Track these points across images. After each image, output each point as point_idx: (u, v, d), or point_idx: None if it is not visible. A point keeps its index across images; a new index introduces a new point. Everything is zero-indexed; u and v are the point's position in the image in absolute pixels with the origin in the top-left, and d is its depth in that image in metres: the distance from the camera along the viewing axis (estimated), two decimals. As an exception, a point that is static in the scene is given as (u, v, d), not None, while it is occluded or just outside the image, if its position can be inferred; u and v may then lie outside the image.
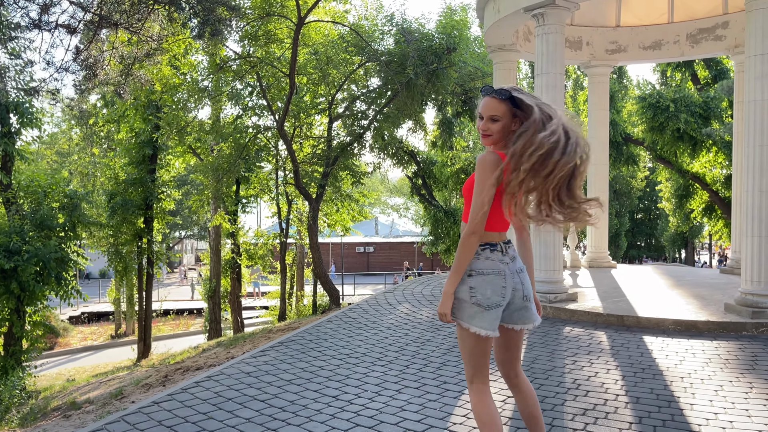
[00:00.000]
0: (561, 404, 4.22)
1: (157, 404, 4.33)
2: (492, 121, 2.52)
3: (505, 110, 2.50)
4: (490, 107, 2.52)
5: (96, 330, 28.26)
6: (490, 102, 2.53)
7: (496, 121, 2.51)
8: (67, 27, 6.10)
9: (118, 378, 10.54)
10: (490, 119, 2.52)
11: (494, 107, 2.51)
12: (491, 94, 2.53)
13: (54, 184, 12.09)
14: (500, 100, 2.51)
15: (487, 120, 2.53)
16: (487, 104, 2.53)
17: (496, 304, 2.56)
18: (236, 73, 11.51)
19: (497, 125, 2.52)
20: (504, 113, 2.50)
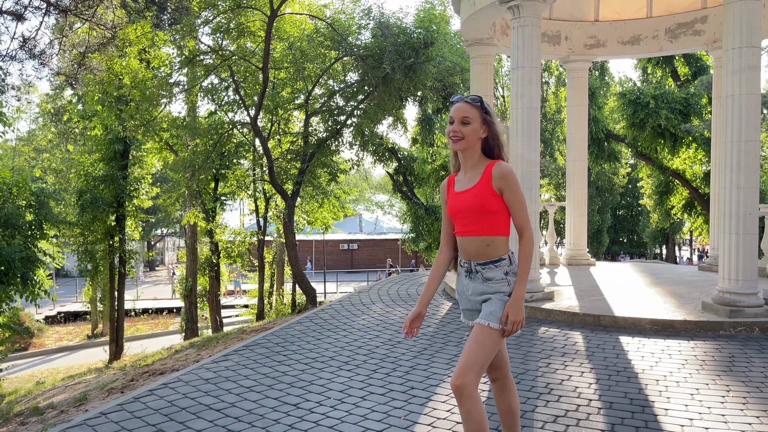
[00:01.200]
0: (531, 411, 4.04)
1: (105, 415, 4.07)
2: (463, 124, 2.62)
3: (476, 114, 2.63)
4: (462, 110, 2.63)
5: (72, 330, 27.74)
6: (462, 106, 2.64)
7: (468, 124, 2.62)
8: (13, 13, 5.78)
9: (84, 381, 10.21)
10: (461, 122, 2.63)
11: (466, 110, 2.63)
12: (463, 100, 2.66)
13: (20, 181, 11.69)
14: (472, 104, 2.64)
15: (458, 122, 2.63)
16: (458, 108, 2.64)
17: None
18: (207, 67, 11.18)
19: (469, 128, 2.62)
20: (475, 117, 2.63)
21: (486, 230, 2.65)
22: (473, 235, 2.67)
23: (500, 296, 2.67)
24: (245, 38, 11.39)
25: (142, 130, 11.29)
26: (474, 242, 2.67)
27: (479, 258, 2.69)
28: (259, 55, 11.89)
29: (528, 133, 7.25)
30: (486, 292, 2.70)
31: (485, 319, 2.63)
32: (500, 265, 2.67)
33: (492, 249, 2.66)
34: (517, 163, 7.31)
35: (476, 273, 2.71)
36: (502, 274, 2.67)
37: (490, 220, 2.64)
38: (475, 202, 2.63)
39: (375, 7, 12.60)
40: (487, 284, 2.70)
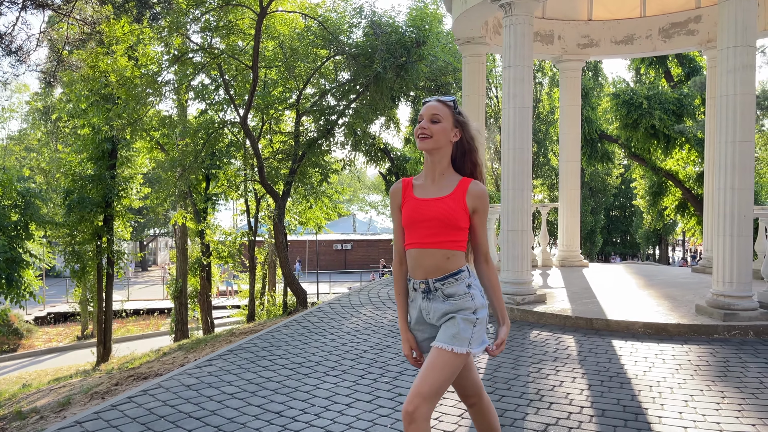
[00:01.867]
0: (522, 419, 3.92)
1: (80, 424, 3.92)
2: (432, 122, 2.45)
3: (447, 114, 2.46)
4: (433, 108, 2.47)
5: (62, 331, 27.47)
6: (433, 104, 2.48)
7: (437, 122, 2.44)
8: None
9: (69, 385, 10.03)
10: (430, 120, 2.45)
11: (437, 108, 2.46)
12: (432, 100, 2.51)
13: (5, 181, 11.50)
14: (444, 104, 2.48)
15: (427, 120, 2.45)
16: (429, 106, 2.48)
17: None
18: (196, 65, 11.02)
19: (438, 126, 2.44)
20: (446, 116, 2.46)
21: (449, 244, 2.43)
22: (435, 247, 2.43)
23: (465, 314, 2.41)
24: (235, 36, 11.23)
25: (130, 129, 11.11)
26: (434, 256, 2.43)
27: (437, 273, 2.43)
28: (249, 54, 11.74)
29: (520, 132, 7.14)
30: (449, 312, 2.43)
31: (447, 343, 2.35)
32: (460, 277, 2.43)
33: (451, 262, 2.43)
34: (509, 162, 7.20)
35: (435, 291, 2.44)
36: (465, 287, 2.43)
37: (455, 236, 2.44)
38: (447, 214, 2.41)
39: (367, 6, 12.48)
40: (449, 302, 2.43)
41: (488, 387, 4.55)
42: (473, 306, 2.41)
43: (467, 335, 2.37)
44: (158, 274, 50.43)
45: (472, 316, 2.40)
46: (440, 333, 2.41)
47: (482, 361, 5.25)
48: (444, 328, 2.41)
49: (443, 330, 2.41)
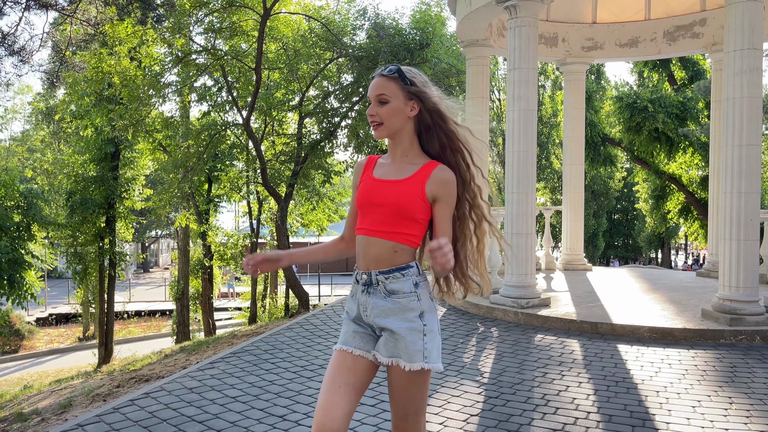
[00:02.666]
0: (527, 424, 3.87)
1: (82, 427, 3.89)
2: (380, 103, 2.07)
3: (394, 88, 2.06)
4: (378, 86, 2.08)
5: (64, 332, 27.46)
6: (377, 81, 2.09)
7: (385, 102, 2.06)
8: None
9: (71, 387, 9.99)
10: (377, 101, 2.07)
11: (381, 85, 2.07)
12: (378, 73, 2.11)
13: (8, 182, 11.48)
14: (388, 77, 2.07)
15: (374, 103, 2.08)
16: (373, 86, 2.09)
17: None
18: (199, 66, 11.01)
19: (387, 109, 2.06)
20: (393, 92, 2.06)
21: (398, 237, 2.08)
22: (381, 237, 2.09)
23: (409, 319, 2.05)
24: (238, 38, 11.22)
25: (132, 131, 11.09)
26: (379, 246, 2.09)
27: (381, 265, 2.09)
28: (252, 56, 11.73)
29: (525, 135, 7.10)
30: (390, 313, 2.07)
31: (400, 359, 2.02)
32: (407, 273, 2.08)
33: (399, 256, 2.09)
34: (513, 165, 7.17)
35: (377, 285, 2.10)
36: (411, 285, 2.08)
37: (407, 227, 2.09)
38: (399, 201, 2.06)
39: (370, 8, 12.48)
40: (391, 300, 2.07)
41: (493, 391, 4.51)
42: (418, 308, 2.06)
43: (417, 347, 2.02)
44: (159, 275, 50.45)
45: (418, 321, 2.05)
46: (387, 347, 2.06)
47: (486, 365, 5.21)
48: (387, 343, 2.06)
49: (386, 345, 2.06)
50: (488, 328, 6.66)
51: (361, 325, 2.15)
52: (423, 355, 2.01)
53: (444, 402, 4.29)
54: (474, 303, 7.41)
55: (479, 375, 4.95)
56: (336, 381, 2.05)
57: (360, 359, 2.10)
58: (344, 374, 2.07)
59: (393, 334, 2.04)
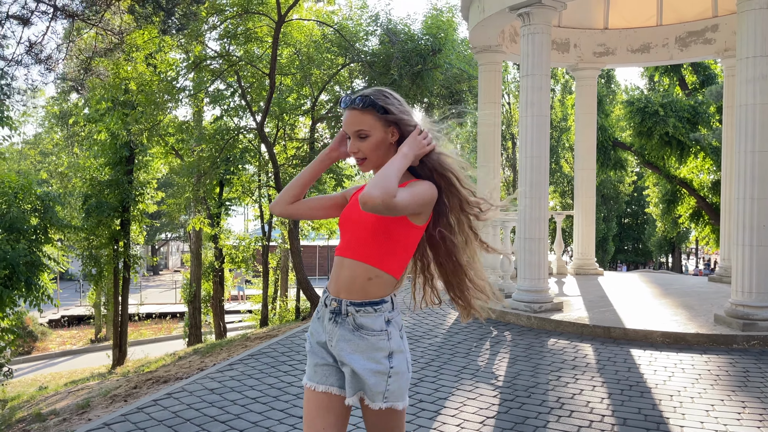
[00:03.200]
0: (543, 426, 3.94)
1: (108, 426, 4.00)
2: (360, 138, 1.94)
3: (371, 121, 1.93)
4: (354, 121, 1.94)
5: (76, 334, 27.71)
6: (351, 116, 1.94)
7: (365, 137, 1.94)
8: (19, 18, 5.76)
9: (87, 388, 10.13)
10: (357, 136, 1.95)
11: (356, 120, 1.93)
12: (349, 105, 1.95)
13: (26, 186, 11.66)
14: (361, 110, 1.93)
15: (354, 138, 1.95)
16: (349, 119, 1.95)
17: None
18: (214, 72, 11.16)
19: (367, 143, 1.94)
20: (371, 125, 1.93)
21: (374, 260, 1.94)
22: (357, 259, 1.95)
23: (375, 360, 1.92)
24: (252, 44, 11.36)
25: (147, 135, 11.26)
26: (353, 269, 1.95)
27: (353, 294, 1.95)
28: (265, 61, 11.87)
29: (538, 140, 7.17)
30: (357, 349, 1.93)
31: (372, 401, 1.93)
32: (381, 309, 1.94)
33: (374, 285, 1.94)
34: (526, 170, 7.24)
35: (346, 316, 1.95)
36: (383, 322, 1.94)
37: (383, 248, 1.94)
38: (372, 217, 1.91)
39: (382, 14, 12.57)
40: (358, 335, 1.94)
41: (508, 394, 4.58)
42: (387, 348, 1.93)
43: (379, 389, 1.91)
44: (169, 278, 50.71)
45: (385, 363, 1.92)
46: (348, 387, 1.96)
47: (501, 369, 5.28)
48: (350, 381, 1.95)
49: (349, 383, 1.95)
50: (501, 332, 6.73)
51: (325, 352, 2.02)
52: (383, 396, 1.91)
53: (460, 404, 4.37)
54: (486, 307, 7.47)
55: (494, 378, 5.02)
56: (316, 425, 1.96)
57: (334, 397, 1.99)
58: (323, 416, 1.97)
59: (355, 374, 1.93)
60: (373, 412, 1.95)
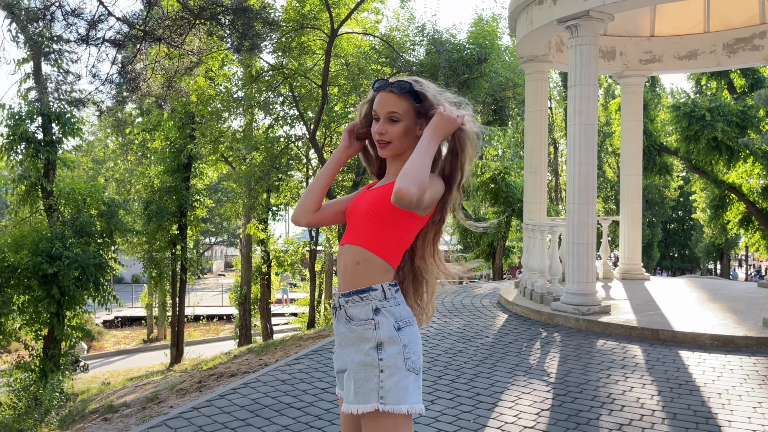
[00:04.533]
0: (596, 419, 4.21)
1: (197, 410, 4.44)
2: (391, 121, 1.88)
3: (407, 108, 1.88)
4: (389, 103, 1.87)
5: (129, 334, 28.84)
6: (387, 97, 1.88)
7: (396, 121, 1.88)
8: (113, 42, 6.34)
9: (152, 382, 10.75)
10: (388, 119, 1.88)
11: (393, 103, 1.87)
12: (386, 88, 1.89)
13: (93, 192, 12.44)
14: (399, 95, 1.88)
15: (384, 120, 1.88)
16: (383, 100, 1.88)
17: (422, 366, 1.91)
18: (269, 83, 11.72)
19: (397, 128, 1.88)
20: (406, 111, 1.88)
21: (366, 241, 1.86)
22: (351, 243, 1.90)
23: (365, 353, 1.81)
24: (306, 56, 11.89)
25: (211, 146, 11.91)
26: (346, 256, 1.90)
27: (345, 285, 1.90)
28: (317, 72, 12.38)
29: (585, 148, 7.40)
30: (348, 343, 1.87)
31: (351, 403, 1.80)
32: (368, 297, 1.84)
33: (360, 271, 1.86)
34: (574, 177, 7.47)
35: (340, 309, 1.91)
36: (369, 311, 1.83)
37: (376, 232, 1.86)
38: (372, 200, 1.89)
39: (429, 25, 12.95)
40: (349, 327, 1.86)
41: (561, 390, 4.85)
42: (374, 338, 1.80)
43: (371, 386, 1.77)
44: (213, 281, 52.02)
45: (372, 355, 1.79)
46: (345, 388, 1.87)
47: (552, 367, 5.54)
48: (346, 381, 1.86)
49: (346, 383, 1.86)
50: (550, 333, 6.97)
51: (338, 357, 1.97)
52: (378, 395, 1.75)
53: (515, 398, 4.67)
54: (536, 310, 7.73)
55: (546, 375, 5.29)
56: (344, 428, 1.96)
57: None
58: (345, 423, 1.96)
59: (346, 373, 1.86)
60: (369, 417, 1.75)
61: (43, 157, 11.96)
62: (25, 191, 12.37)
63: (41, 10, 5.99)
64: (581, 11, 7.23)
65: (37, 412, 9.17)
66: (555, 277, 8.10)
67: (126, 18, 6.36)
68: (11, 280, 11.13)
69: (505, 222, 18.10)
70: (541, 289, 8.17)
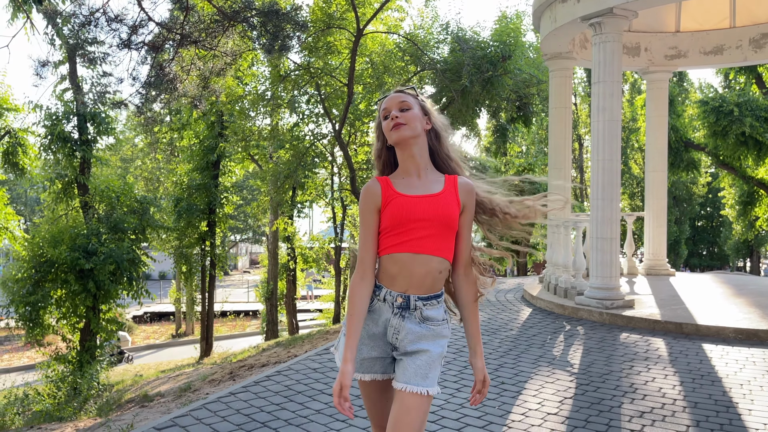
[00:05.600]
0: (618, 406, 4.33)
1: (234, 395, 4.68)
2: (402, 110, 2.14)
3: (413, 101, 2.17)
4: (396, 98, 2.18)
5: (158, 329, 29.48)
6: (394, 96, 2.20)
7: (407, 109, 2.14)
8: (152, 45, 6.64)
9: (185, 374, 11.10)
10: (399, 108, 2.14)
11: (400, 97, 2.18)
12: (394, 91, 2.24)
13: (126, 190, 12.84)
14: (405, 92, 2.21)
15: (396, 109, 2.14)
16: (392, 99, 2.19)
17: None
18: (296, 82, 11.98)
19: (410, 113, 2.13)
20: (414, 103, 2.17)
21: (446, 252, 2.09)
22: (431, 254, 2.06)
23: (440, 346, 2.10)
24: (332, 56, 12.10)
25: (242, 145, 12.21)
26: (428, 265, 2.06)
27: (423, 289, 2.08)
28: (342, 71, 12.59)
29: (609, 144, 7.48)
30: (423, 338, 2.08)
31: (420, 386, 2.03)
32: (441, 300, 2.13)
33: (441, 279, 2.11)
34: (598, 173, 7.55)
35: (414, 311, 2.08)
36: (443, 312, 2.13)
37: (450, 241, 2.11)
38: (445, 212, 2.07)
39: (453, 23, 13.06)
40: (425, 327, 2.08)
41: (583, 379, 4.98)
42: (448, 335, 2.15)
43: (436, 372, 2.08)
44: (238, 278, 52.72)
45: (445, 349, 2.12)
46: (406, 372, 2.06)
47: (575, 358, 5.67)
48: (411, 366, 2.06)
49: (411, 368, 2.05)
50: (574, 326, 7.08)
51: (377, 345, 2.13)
52: (436, 381, 2.08)
53: (539, 387, 4.81)
54: (559, 304, 7.84)
55: (569, 366, 5.42)
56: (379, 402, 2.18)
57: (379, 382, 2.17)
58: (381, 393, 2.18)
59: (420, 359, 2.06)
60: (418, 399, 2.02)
61: (79, 156, 12.37)
62: (61, 189, 12.83)
63: (86, 16, 6.31)
64: (605, 8, 7.30)
65: (76, 401, 9.55)
66: (579, 272, 8.19)
67: (164, 23, 6.65)
68: (49, 275, 11.57)
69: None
70: (565, 283, 8.27)
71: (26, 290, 11.35)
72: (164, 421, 4.12)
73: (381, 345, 2.12)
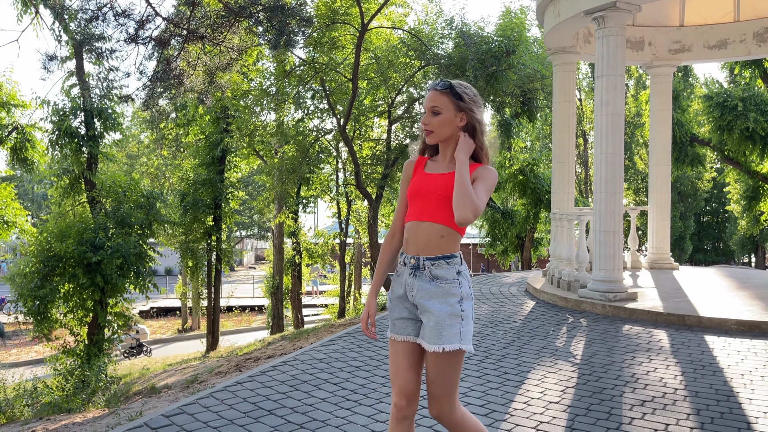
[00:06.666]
0: (619, 395, 4.39)
1: (240, 384, 4.76)
2: (433, 114, 2.37)
3: (446, 102, 2.36)
4: (432, 99, 2.38)
5: (164, 324, 29.66)
6: (431, 95, 2.39)
7: (437, 114, 2.37)
8: (159, 41, 6.71)
9: (191, 367, 11.22)
10: (431, 112, 2.37)
11: (434, 98, 2.38)
12: (432, 87, 2.41)
13: (132, 185, 12.94)
14: (441, 91, 2.37)
15: (428, 113, 2.38)
16: (429, 97, 2.40)
17: None
18: (301, 78, 12.04)
19: (438, 119, 2.37)
20: (445, 105, 2.36)
21: (446, 219, 2.35)
22: (431, 221, 2.37)
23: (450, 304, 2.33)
24: (336, 51, 12.15)
25: (247, 140, 12.28)
26: (429, 231, 2.37)
27: (430, 251, 2.37)
28: (347, 66, 12.64)
29: (612, 138, 7.52)
30: (433, 295, 2.34)
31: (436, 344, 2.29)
32: (452, 262, 2.37)
33: (446, 242, 2.37)
34: (601, 166, 7.59)
35: (423, 270, 2.37)
36: (454, 272, 2.37)
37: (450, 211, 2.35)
38: (446, 187, 2.35)
39: (457, 18, 13.09)
40: (434, 284, 2.35)
41: (586, 370, 5.04)
42: (459, 294, 2.35)
43: (455, 330, 2.31)
44: (243, 274, 52.90)
45: (457, 306, 2.33)
46: (424, 332, 2.36)
47: (578, 349, 5.73)
48: (427, 327, 2.34)
49: (427, 329, 2.34)
50: (577, 319, 7.14)
51: (404, 306, 2.43)
52: (459, 338, 2.30)
53: (542, 377, 4.87)
54: (563, 297, 7.89)
55: (572, 357, 5.48)
56: (402, 364, 2.40)
57: (411, 344, 2.42)
58: (407, 357, 2.40)
59: (433, 318, 2.31)
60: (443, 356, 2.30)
61: (86, 151, 12.47)
62: (69, 184, 12.94)
63: (94, 11, 6.39)
64: (608, 2, 7.33)
65: (84, 393, 9.67)
66: (582, 265, 8.24)
67: (171, 18, 6.71)
68: (57, 269, 11.69)
69: (534, 214, 18.16)
70: (568, 276, 8.32)
71: (34, 284, 11.47)
72: (172, 409, 4.20)
73: (408, 306, 2.43)
